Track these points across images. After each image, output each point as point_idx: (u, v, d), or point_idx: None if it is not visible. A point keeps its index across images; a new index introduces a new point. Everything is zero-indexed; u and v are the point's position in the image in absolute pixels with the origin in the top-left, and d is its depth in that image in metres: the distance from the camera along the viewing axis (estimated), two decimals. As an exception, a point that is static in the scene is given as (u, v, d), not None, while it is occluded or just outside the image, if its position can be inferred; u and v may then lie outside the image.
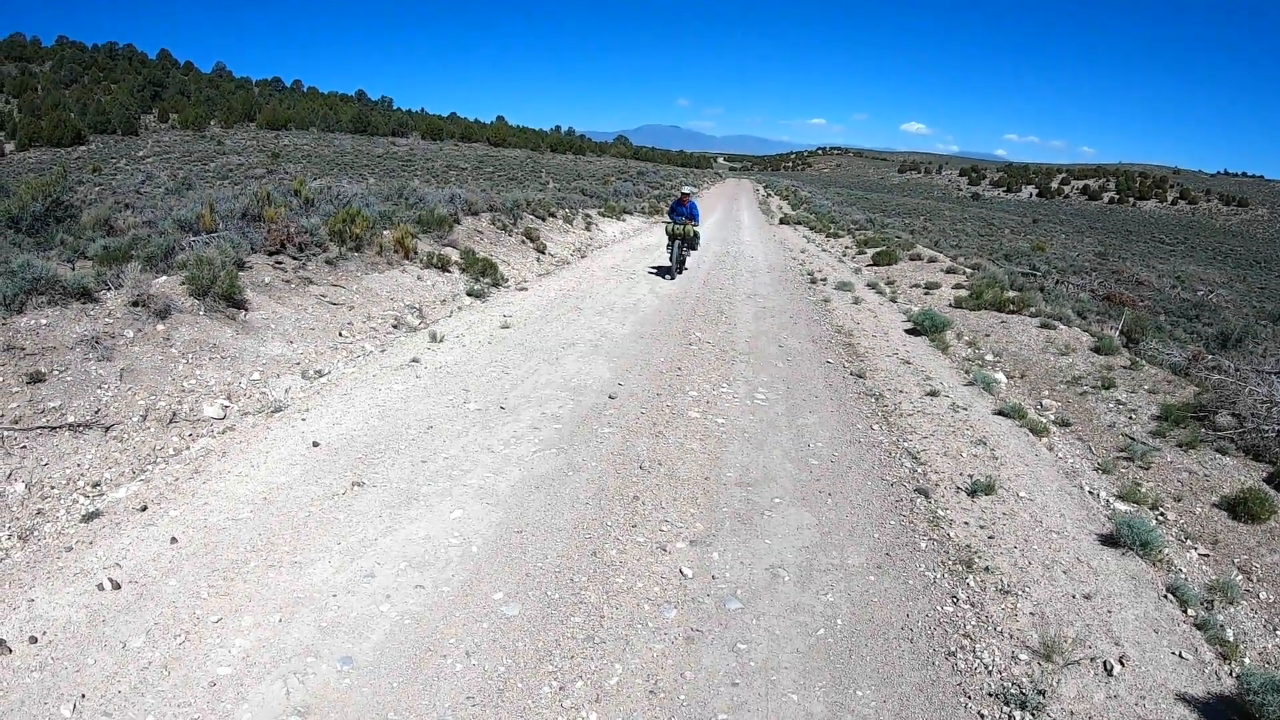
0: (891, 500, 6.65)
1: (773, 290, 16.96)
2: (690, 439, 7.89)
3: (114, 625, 4.92)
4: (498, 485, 6.81)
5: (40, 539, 5.99)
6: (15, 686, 4.43)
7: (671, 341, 11.76)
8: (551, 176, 64.67)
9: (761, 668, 4.58)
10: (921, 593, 5.33)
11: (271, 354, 9.87)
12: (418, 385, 9.25)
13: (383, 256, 14.54)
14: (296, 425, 8.03)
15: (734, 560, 5.68)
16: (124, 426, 7.55)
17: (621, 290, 16.26)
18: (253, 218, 13.94)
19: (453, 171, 66.37)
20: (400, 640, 4.80)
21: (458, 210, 19.88)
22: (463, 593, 5.27)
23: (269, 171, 52.46)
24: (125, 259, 10.78)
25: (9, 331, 8.12)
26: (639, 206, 37.71)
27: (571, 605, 5.13)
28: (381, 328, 11.95)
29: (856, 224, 38.00)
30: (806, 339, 12.11)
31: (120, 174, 51.31)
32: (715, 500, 6.60)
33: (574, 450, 7.57)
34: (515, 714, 4.19)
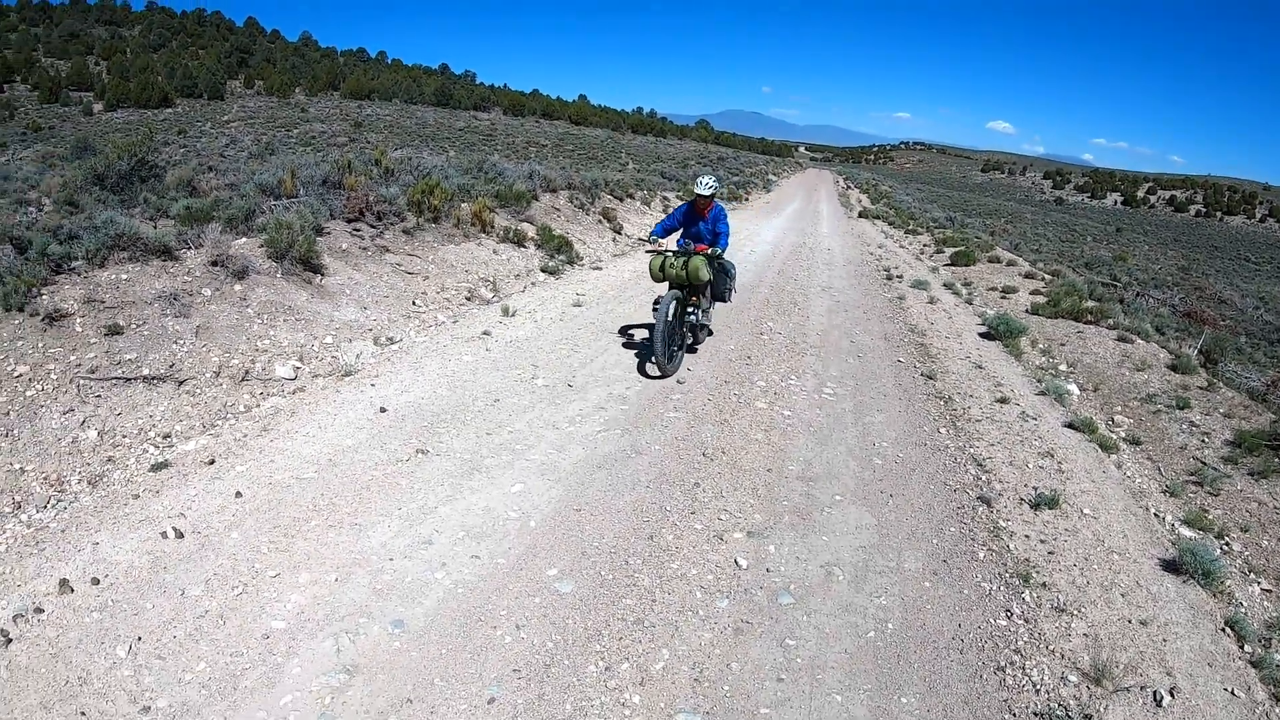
0: (953, 506, 6.56)
1: (848, 284, 16.74)
2: (755, 429, 7.90)
3: (174, 573, 5.15)
4: (560, 462, 6.92)
5: (109, 485, 6.30)
6: (74, 625, 4.68)
7: (743, 330, 11.75)
8: (631, 157, 64.86)
9: (808, 665, 4.57)
10: (976, 604, 5.26)
11: (345, 319, 10.16)
12: (487, 358, 9.43)
13: (460, 229, 14.78)
14: (365, 390, 8.29)
15: (790, 555, 5.68)
16: (197, 382, 7.85)
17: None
18: (333, 185, 14.28)
19: (533, 148, 66.96)
20: (452, 608, 4.92)
21: (536, 187, 20.05)
22: (517, 566, 5.38)
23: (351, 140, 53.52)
24: (206, 219, 11.13)
25: (90, 284, 8.46)
26: (717, 192, 37.62)
27: (624, 587, 5.20)
28: (455, 299, 12.20)
29: (936, 222, 37.33)
30: (879, 336, 11.98)
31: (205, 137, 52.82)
32: (776, 493, 6.60)
33: (638, 432, 7.65)
34: (560, 690, 4.27)
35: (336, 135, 60.02)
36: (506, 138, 75.39)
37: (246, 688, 4.19)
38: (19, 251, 8.58)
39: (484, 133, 78.54)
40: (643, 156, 68.91)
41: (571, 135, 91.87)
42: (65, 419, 6.86)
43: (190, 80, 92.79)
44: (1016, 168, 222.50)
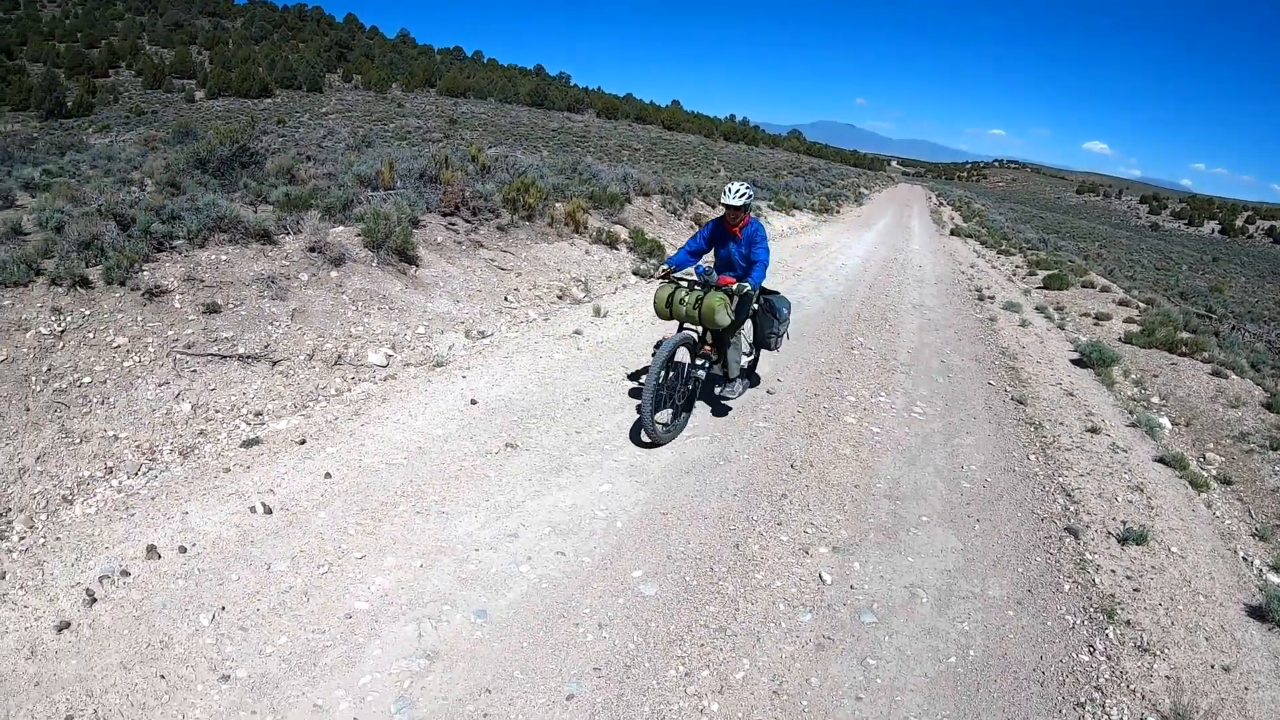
0: (1040, 536, 6.39)
1: (939, 303, 16.46)
2: (844, 444, 7.82)
3: (261, 547, 5.31)
4: (649, 465, 6.95)
5: (200, 458, 6.54)
6: (160, 590, 4.85)
7: (834, 343, 11.65)
8: (723, 164, 64.88)
9: (887, 686, 4.50)
10: (1059, 636, 5.12)
11: (438, 310, 10.36)
12: (578, 357, 9.54)
13: (553, 228, 14.96)
14: (456, 382, 8.46)
15: (874, 573, 5.61)
16: (290, 363, 8.08)
17: (786, 286, 16.01)
18: (430, 179, 14.59)
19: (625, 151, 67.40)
20: (535, 602, 4.96)
21: (629, 190, 20.19)
22: (603, 565, 5.41)
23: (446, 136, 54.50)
24: (305, 207, 11.46)
25: (190, 263, 8.75)
26: (809, 203, 37.38)
27: (708, 594, 5.19)
28: (546, 297, 12.35)
29: (1029, 243, 36.50)
30: (970, 357, 11.75)
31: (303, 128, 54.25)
32: (862, 509, 6.52)
33: (727, 440, 7.64)
34: (639, 692, 4.27)
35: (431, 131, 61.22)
36: (600, 140, 76.01)
37: (326, 665, 4.29)
38: (122, 228, 8.93)
39: (578, 134, 79.30)
40: (735, 164, 68.91)
41: (664, 140, 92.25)
42: (160, 391, 7.11)
43: (290, 72, 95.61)
44: (1112, 191, 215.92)
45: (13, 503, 5.67)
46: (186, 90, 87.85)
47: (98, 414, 6.66)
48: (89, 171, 13.91)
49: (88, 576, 4.92)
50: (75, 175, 12.91)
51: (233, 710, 3.98)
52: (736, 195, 7.55)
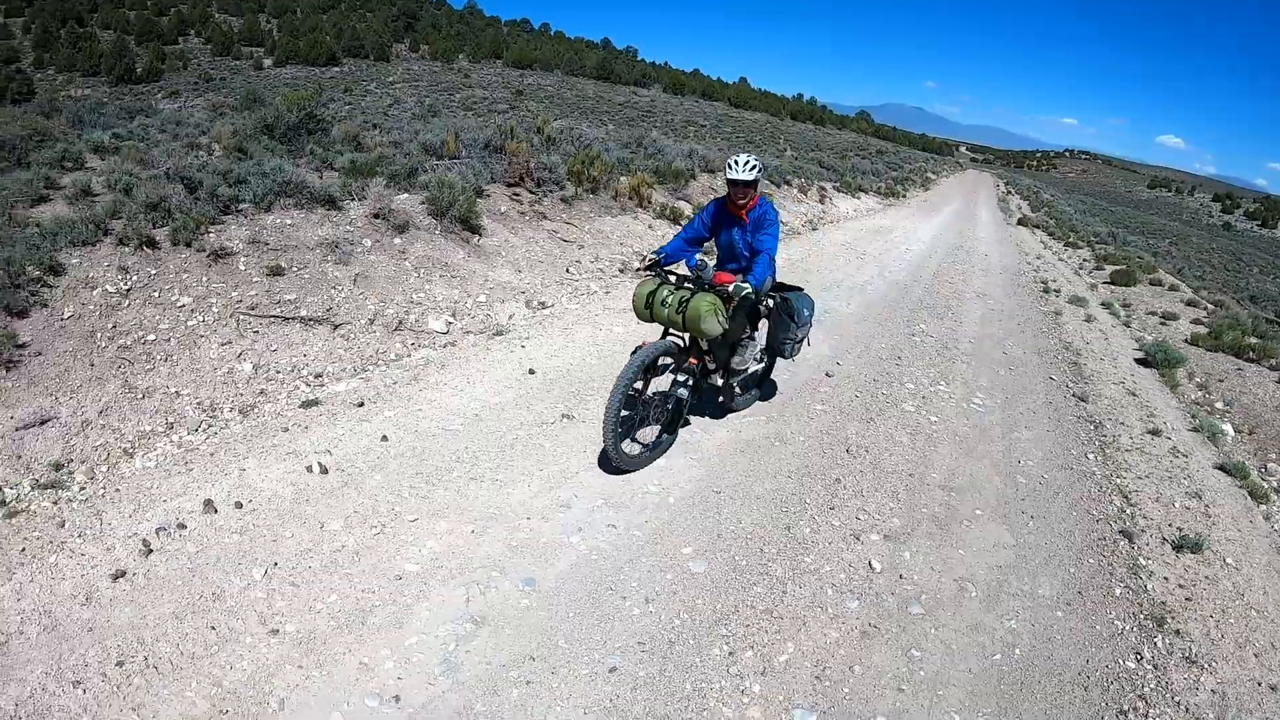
0: (1094, 537, 6.25)
1: (1003, 293, 16.14)
2: (900, 431, 7.74)
3: (316, 506, 5.43)
4: (704, 442, 6.95)
5: (259, 417, 6.71)
6: (215, 544, 4.98)
7: (895, 329, 11.53)
8: (789, 144, 64.27)
9: (930, 680, 4.45)
10: (1106, 641, 5.02)
11: (499, 279, 10.48)
12: (638, 331, 9.47)
13: (617, 201, 15.01)
14: (515, 351, 8.56)
15: (924, 564, 5.55)
16: (352, 327, 8.23)
17: (850, 268, 16.08)
18: (495, 149, 14.69)
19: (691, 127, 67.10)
20: (584, 573, 5.01)
21: (694, 166, 20.16)
22: (653, 540, 5.44)
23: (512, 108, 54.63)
24: (370, 174, 11.62)
25: (255, 226, 8.94)
26: (875, 186, 36.99)
27: (757, 575, 5.19)
28: (608, 270, 12.42)
29: (1097, 236, 35.59)
30: (1032, 350, 11.53)
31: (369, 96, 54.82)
32: (916, 499, 6.46)
33: (784, 421, 7.62)
34: (681, 669, 4.29)
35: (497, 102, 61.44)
36: (665, 115, 75.79)
37: (374, 624, 4.36)
38: (189, 191, 9.14)
39: (643, 109, 79.15)
40: (801, 144, 68.19)
41: (730, 117, 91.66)
42: (222, 350, 7.28)
43: (357, 41, 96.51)
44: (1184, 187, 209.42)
45: (75, 454, 5.86)
46: (254, 58, 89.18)
47: (161, 371, 6.84)
48: (157, 136, 14.14)
49: (145, 528, 5.07)
50: (144, 139, 13.13)
51: (280, 664, 4.08)
52: (745, 168, 6.35)
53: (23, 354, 6.40)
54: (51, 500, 5.36)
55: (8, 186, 8.64)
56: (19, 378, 6.23)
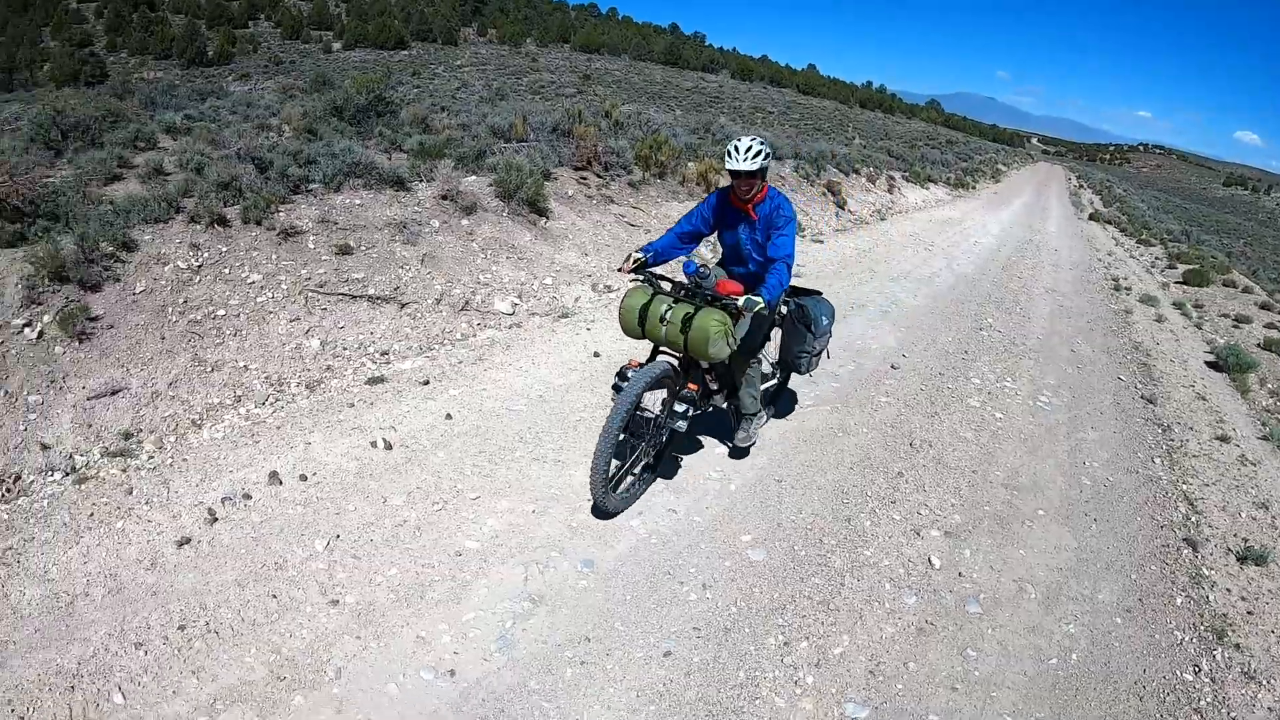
0: (1157, 544, 6.09)
1: (1073, 289, 15.80)
2: (965, 427, 7.64)
3: (379, 481, 5.52)
4: (767, 431, 6.90)
5: (325, 392, 6.85)
6: (279, 515, 5.11)
7: (963, 323, 11.38)
8: (858, 132, 63.63)
9: (984, 680, 4.38)
10: (1165, 651, 4.89)
11: (565, 262, 10.57)
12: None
13: (684, 187, 15.00)
14: (580, 334, 8.63)
15: (984, 563, 5.47)
16: (418, 306, 8.35)
17: (918, 260, 15.94)
18: (562, 133, 14.77)
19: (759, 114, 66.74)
20: (642, 557, 5.03)
21: (762, 153, 20.04)
22: (712, 527, 5.44)
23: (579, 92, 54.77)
24: (438, 156, 11.75)
25: (324, 206, 9.09)
26: (944, 176, 36.44)
27: (815, 566, 5.16)
28: (675, 256, 12.35)
29: (1170, 234, 34.65)
30: (1101, 349, 11.29)
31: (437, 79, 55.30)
32: (978, 496, 6.36)
33: (847, 412, 7.57)
34: (736, 656, 4.29)
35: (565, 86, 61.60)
36: (733, 102, 75.36)
37: (433, 599, 4.43)
38: (260, 171, 9.33)
39: (711, 95, 78.78)
40: (870, 132, 67.47)
41: (799, 104, 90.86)
42: (291, 326, 7.43)
43: (425, 25, 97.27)
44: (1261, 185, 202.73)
45: (144, 424, 6.04)
46: (324, 41, 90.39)
47: (230, 345, 7.00)
48: (228, 117, 14.47)
49: (210, 497, 5.21)
50: (215, 120, 13.44)
51: (338, 634, 4.16)
52: (748, 156, 5.33)
53: (95, 327, 6.59)
54: (120, 468, 5.53)
55: (82, 165, 8.90)
56: (91, 349, 6.41)
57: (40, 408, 5.89)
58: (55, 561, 4.64)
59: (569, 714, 3.81)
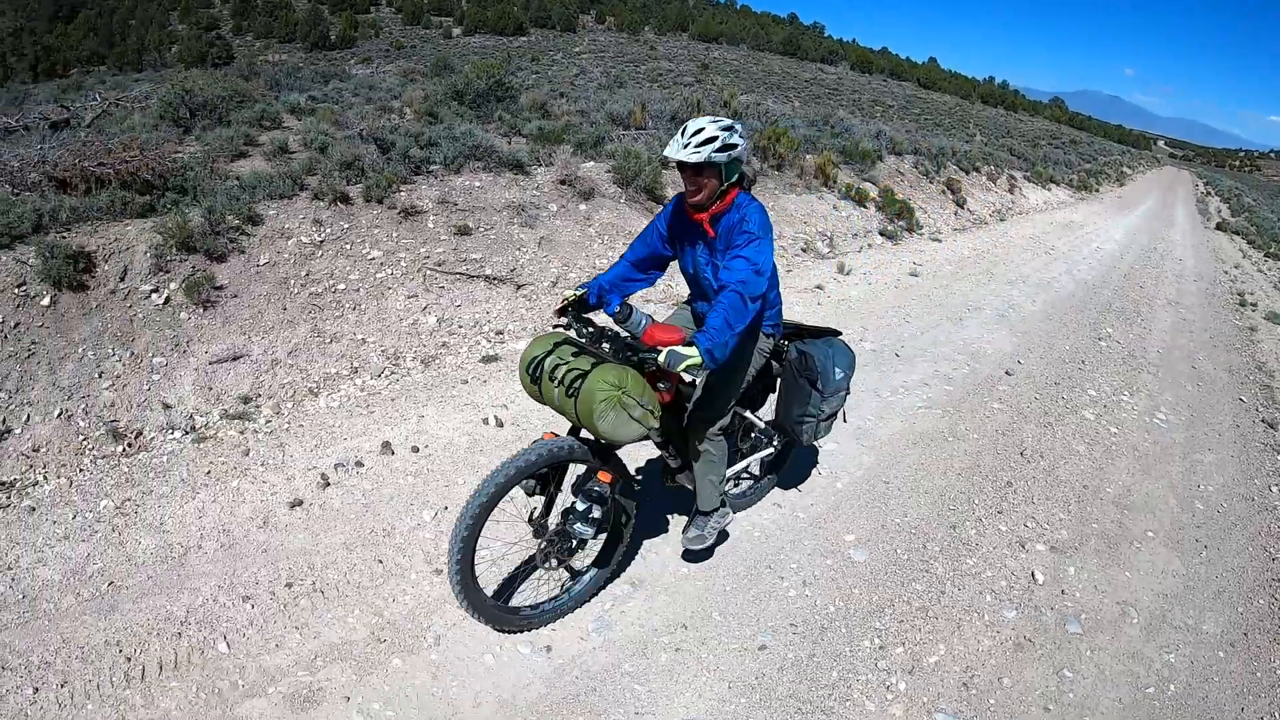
0: (1268, 576, 5.77)
1: (1197, 302, 15.14)
2: (1078, 440, 7.42)
3: (489, 456, 5.64)
4: (877, 430, 6.89)
5: (440, 368, 7.05)
6: (389, 484, 5.29)
7: (1080, 331, 11.05)
8: (979, 128, 62.00)
9: (1078, 704, 4.23)
10: (1267, 690, 4.63)
11: (682, 251, 10.56)
12: (818, 312, 9.58)
13: (802, 180, 14.89)
14: (694, 323, 8.57)
15: (1088, 582, 5.28)
16: (534, 288, 8.51)
17: (1037, 264, 15.51)
18: (681, 121, 14.76)
19: (878, 107, 65.61)
20: (744, 549, 5.04)
21: (882, 147, 19.79)
22: (816, 524, 5.42)
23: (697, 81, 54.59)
24: (557, 141, 11.93)
25: (444, 187, 9.33)
26: (1067, 178, 35.29)
27: (917, 571, 5.08)
28: (790, 248, 12.41)
29: None
30: (1223, 367, 10.81)
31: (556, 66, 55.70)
32: (1087, 512, 6.16)
33: (959, 417, 7.44)
34: (830, 656, 4.26)
35: (683, 75, 61.44)
36: (852, 94, 74.20)
37: (535, 576, 4.48)
38: (382, 152, 9.64)
39: (829, 86, 77.69)
40: (991, 129, 65.68)
41: (919, 98, 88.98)
42: (409, 303, 7.64)
43: (544, 12, 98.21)
44: None
45: (263, 390, 6.32)
46: (444, 27, 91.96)
47: (349, 318, 7.24)
48: (351, 99, 14.94)
49: (324, 462, 5.42)
50: (338, 102, 13.90)
51: (440, 602, 4.29)
52: (692, 140, 3.82)
53: (220, 295, 6.91)
54: (238, 430, 5.80)
55: (210, 142, 9.34)
56: (215, 316, 6.72)
57: (164, 369, 6.20)
58: (171, 514, 4.92)
59: (660, 699, 3.85)
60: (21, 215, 6.61)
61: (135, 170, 7.60)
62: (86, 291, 6.44)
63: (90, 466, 5.38)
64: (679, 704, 3.83)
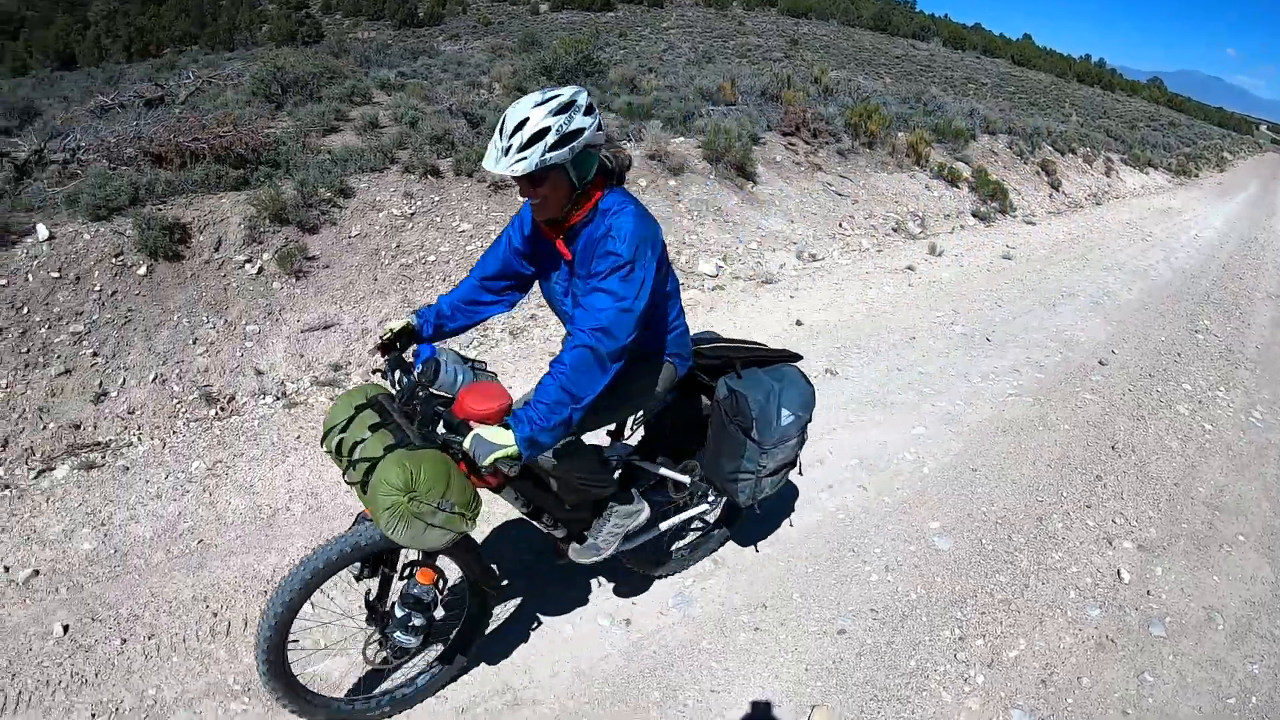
0: None
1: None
2: (1170, 436, 7.20)
3: (575, 426, 5.70)
4: (965, 416, 6.78)
5: (528, 340, 7.20)
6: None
7: (1177, 322, 10.72)
8: (1075, 108, 60.26)
9: (1157, 709, 4.09)
10: None
11: (771, 228, 10.61)
12: (908, 294, 9.50)
13: (893, 158, 14.72)
14: (783, 300, 8.66)
15: (1175, 583, 5.11)
16: (623, 260, 8.56)
17: (1134, 250, 15.07)
18: (771, 97, 14.77)
19: (971, 85, 64.15)
20: (827, 531, 5.01)
21: (975, 126, 19.42)
22: (901, 509, 5.36)
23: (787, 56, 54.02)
24: (646, 116, 11.98)
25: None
26: (1165, 161, 34.13)
27: (1001, 562, 4.99)
28: (881, 228, 12.30)
29: None
30: (1325, 368, 10.44)
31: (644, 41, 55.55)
32: (1177, 511, 5.96)
33: (1050, 406, 7.27)
34: (909, 644, 4.22)
35: (772, 50, 60.78)
36: (945, 71, 72.60)
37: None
38: (471, 126, 9.82)
39: (921, 63, 76.19)
40: (1087, 109, 63.75)
41: (1013, 76, 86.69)
42: (498, 275, 7.75)
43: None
44: None
45: (353, 358, 6.51)
46: (531, 3, 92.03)
47: (439, 289, 7.39)
48: (439, 75, 15.19)
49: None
50: (427, 78, 14.14)
51: (522, 572, 4.39)
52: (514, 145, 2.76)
53: (312, 266, 7.11)
54: (328, 397, 5.99)
55: (301, 118, 9.56)
56: (307, 286, 6.90)
57: (256, 337, 6.40)
58: (261, 477, 5.09)
59: (736, 678, 3.86)
60: (118, 189, 6.90)
61: (229, 145, 7.84)
62: (182, 262, 6.68)
63: (183, 429, 5.60)
64: (755, 684, 3.84)
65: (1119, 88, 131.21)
